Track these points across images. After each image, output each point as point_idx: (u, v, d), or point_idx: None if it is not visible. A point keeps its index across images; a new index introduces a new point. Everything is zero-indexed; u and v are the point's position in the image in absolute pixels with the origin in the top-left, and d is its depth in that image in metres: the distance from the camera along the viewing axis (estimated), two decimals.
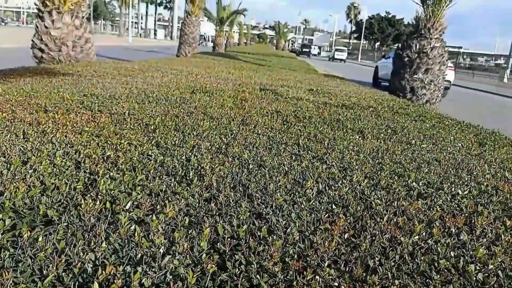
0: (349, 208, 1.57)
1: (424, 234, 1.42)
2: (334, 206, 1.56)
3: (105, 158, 1.86)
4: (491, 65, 42.64)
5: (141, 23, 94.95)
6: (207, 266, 1.10)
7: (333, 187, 1.79)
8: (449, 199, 1.80)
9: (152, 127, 2.47)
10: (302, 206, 1.54)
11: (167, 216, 1.35)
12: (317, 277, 1.10)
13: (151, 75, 5.15)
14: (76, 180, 1.59)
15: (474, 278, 1.18)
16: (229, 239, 1.24)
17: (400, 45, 9.74)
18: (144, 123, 2.55)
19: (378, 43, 65.05)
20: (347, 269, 1.18)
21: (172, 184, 1.64)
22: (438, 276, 1.17)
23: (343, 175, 1.98)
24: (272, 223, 1.39)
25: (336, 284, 1.10)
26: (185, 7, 22.87)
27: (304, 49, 52.81)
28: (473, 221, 1.57)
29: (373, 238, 1.36)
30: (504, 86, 25.94)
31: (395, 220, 1.49)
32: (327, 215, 1.47)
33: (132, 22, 72.84)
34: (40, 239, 1.14)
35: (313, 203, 1.59)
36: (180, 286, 1.02)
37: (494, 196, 1.88)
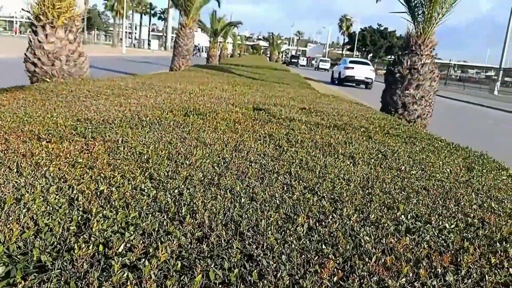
0: (338, 247, 1.60)
1: (411, 275, 1.46)
2: (324, 246, 1.59)
3: (98, 193, 1.88)
4: (482, 77, 43.34)
5: (135, 33, 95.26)
6: None
7: (323, 223, 1.82)
8: (436, 234, 1.84)
9: (145, 157, 2.50)
10: (293, 245, 1.57)
11: (160, 260, 1.37)
12: None
13: (145, 95, 5.18)
14: (70, 219, 1.61)
15: None
16: (220, 285, 1.27)
17: (391, 61, 9.89)
18: (137, 152, 2.58)
19: (371, 55, 65.91)
20: None
21: (164, 223, 1.66)
22: None
23: (333, 208, 2.01)
24: (263, 265, 1.42)
25: None
26: (179, 19, 23.02)
27: (292, 60, 64.64)
28: (459, 259, 1.61)
29: (362, 281, 1.39)
30: (495, 99, 26.35)
31: (383, 260, 1.53)
32: (316, 256, 1.50)
33: (126, 32, 73.09)
34: None
35: (304, 242, 1.62)
36: None
37: (480, 230, 1.93)
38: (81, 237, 1.49)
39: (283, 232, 1.69)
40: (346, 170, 2.74)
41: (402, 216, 2.00)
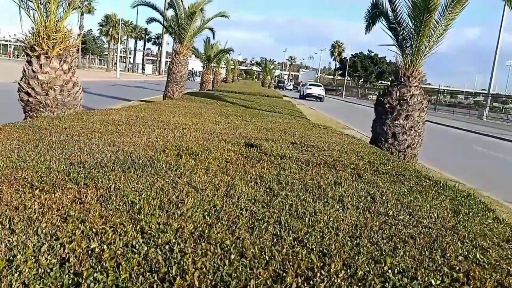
0: None
1: None
2: None
3: (89, 252, 1.90)
4: (470, 103, 44.18)
5: (129, 57, 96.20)
6: None
7: (311, 281, 1.86)
8: None
9: (137, 206, 2.53)
10: None
11: None
12: None
13: (138, 131, 5.24)
14: (61, 283, 1.63)
15: None
16: None
17: (381, 92, 10.11)
18: (129, 201, 2.61)
19: (362, 80, 67.20)
20: None
21: (155, 285, 1.69)
22: None
23: (321, 264, 2.05)
24: None
25: None
26: (173, 46, 23.41)
27: (279, 84, 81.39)
28: None
29: None
30: (484, 125, 26.81)
31: None
32: None
33: (120, 56, 73.82)
34: None
35: None
36: None
37: (465, 286, 1.97)
38: None
39: None
40: (335, 216, 2.79)
41: (389, 271, 2.04)
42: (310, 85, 46.95)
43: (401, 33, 9.63)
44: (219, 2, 23.51)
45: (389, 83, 10.58)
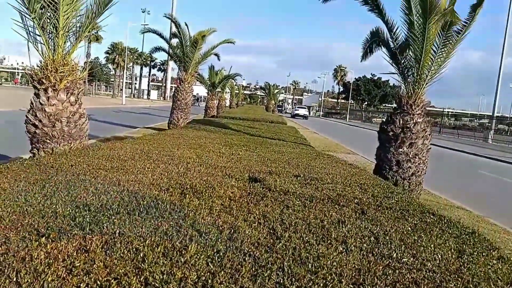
0: None
1: None
2: None
3: None
4: (475, 125, 44.17)
5: (135, 83, 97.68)
6: None
7: None
8: None
9: (141, 254, 2.55)
10: None
11: None
12: None
13: (143, 166, 5.31)
14: None
15: None
16: None
17: (384, 120, 10.16)
18: (133, 248, 2.64)
19: (366, 104, 67.80)
20: None
21: None
22: None
23: None
24: None
25: None
26: (178, 73, 23.78)
27: (278, 108, 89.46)
28: None
29: None
30: (489, 147, 26.71)
31: None
32: None
33: (126, 82, 75.01)
34: None
35: None
36: None
37: None
38: None
39: None
40: (338, 261, 2.80)
41: None
42: (298, 107, 71.62)
43: (402, 61, 9.77)
44: (219, 27, 24.06)
45: (392, 106, 10.67)
